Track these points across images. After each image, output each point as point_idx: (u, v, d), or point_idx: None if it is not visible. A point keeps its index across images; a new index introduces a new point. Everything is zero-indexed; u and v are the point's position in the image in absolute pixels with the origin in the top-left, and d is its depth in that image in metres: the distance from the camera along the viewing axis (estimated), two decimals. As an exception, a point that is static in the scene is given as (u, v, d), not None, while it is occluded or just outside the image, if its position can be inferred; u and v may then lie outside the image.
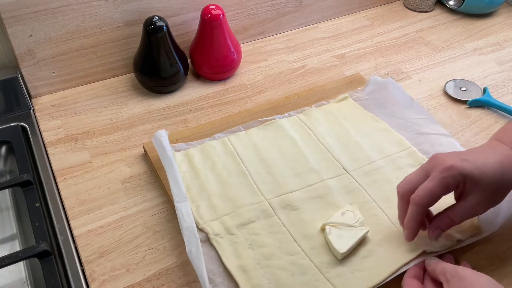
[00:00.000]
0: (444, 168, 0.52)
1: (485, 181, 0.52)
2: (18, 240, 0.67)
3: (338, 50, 0.95)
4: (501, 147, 0.55)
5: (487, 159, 0.53)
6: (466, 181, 0.52)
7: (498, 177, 0.52)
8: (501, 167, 0.53)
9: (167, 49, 0.79)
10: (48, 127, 0.76)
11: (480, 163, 0.53)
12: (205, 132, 0.73)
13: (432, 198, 0.53)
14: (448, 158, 0.53)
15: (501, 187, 0.54)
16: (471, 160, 0.53)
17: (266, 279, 0.55)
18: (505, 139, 0.56)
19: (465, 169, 0.52)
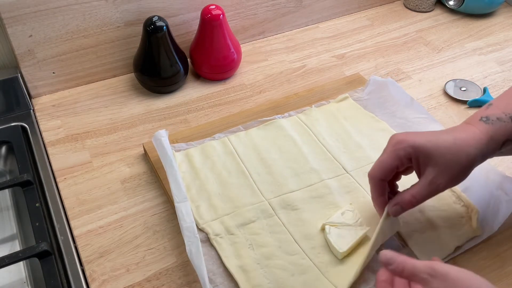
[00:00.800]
0: (396, 142, 0.54)
1: (438, 153, 0.52)
2: (18, 240, 0.67)
3: (338, 50, 0.95)
4: (465, 126, 0.55)
5: (442, 134, 0.54)
6: (419, 155, 0.52)
7: (453, 150, 0.52)
8: (454, 139, 0.53)
9: (167, 49, 0.79)
10: (48, 127, 0.76)
11: (434, 137, 0.53)
12: (205, 132, 0.73)
13: (384, 171, 0.54)
14: (402, 134, 0.54)
15: (457, 162, 0.52)
16: (425, 135, 0.53)
17: (266, 279, 0.55)
18: (472, 121, 0.56)
19: (416, 141, 0.52)
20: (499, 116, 0.55)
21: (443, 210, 0.62)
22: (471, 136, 0.53)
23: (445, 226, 0.61)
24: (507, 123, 0.54)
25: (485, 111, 0.56)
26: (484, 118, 0.55)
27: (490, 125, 0.54)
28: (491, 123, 0.54)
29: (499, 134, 0.54)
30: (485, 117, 0.55)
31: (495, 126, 0.54)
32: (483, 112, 0.56)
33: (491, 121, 0.54)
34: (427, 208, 0.63)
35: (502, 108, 0.55)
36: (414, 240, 0.59)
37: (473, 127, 0.54)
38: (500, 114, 0.55)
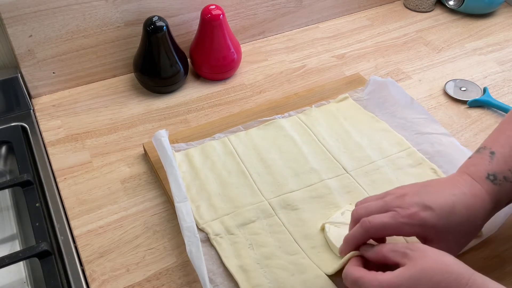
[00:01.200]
0: (406, 215, 0.49)
1: (450, 231, 0.49)
2: (18, 240, 0.67)
3: (338, 50, 0.95)
4: (472, 186, 0.51)
5: (455, 206, 0.49)
6: (426, 230, 0.49)
7: (464, 223, 0.49)
8: (467, 212, 0.49)
9: (167, 49, 0.79)
10: (48, 127, 0.76)
11: (446, 212, 0.49)
12: (205, 132, 0.73)
13: (381, 232, 0.50)
14: (412, 205, 0.49)
15: (468, 232, 0.51)
16: (436, 209, 0.49)
17: (266, 279, 0.55)
18: (477, 177, 0.52)
19: (427, 221, 0.48)
20: (506, 175, 0.51)
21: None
22: (480, 204, 0.50)
23: (445, 226, 0.61)
24: None
25: (491, 164, 0.52)
26: (491, 177, 0.51)
27: (497, 186, 0.51)
28: (499, 184, 0.51)
29: (505, 196, 0.51)
30: (492, 175, 0.51)
31: (502, 188, 0.51)
32: (488, 165, 0.52)
33: (499, 181, 0.51)
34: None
35: (508, 163, 0.52)
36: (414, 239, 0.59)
37: (480, 187, 0.51)
38: (507, 173, 0.51)
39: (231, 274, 0.55)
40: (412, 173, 0.67)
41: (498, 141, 0.54)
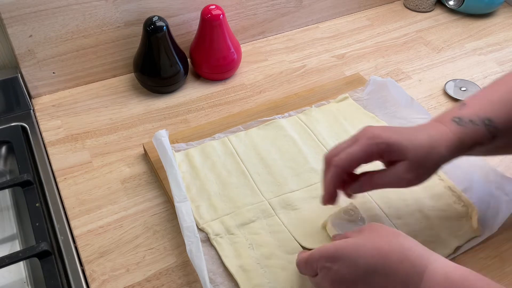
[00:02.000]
0: (371, 136, 0.52)
1: (414, 150, 0.51)
2: (18, 240, 0.67)
3: (338, 50, 0.95)
4: (437, 125, 0.54)
5: (417, 132, 0.53)
6: (392, 150, 0.51)
7: (427, 148, 0.51)
8: (429, 138, 0.52)
9: (167, 49, 0.79)
10: (48, 127, 0.76)
11: (409, 134, 0.52)
12: (205, 132, 0.73)
13: (351, 162, 0.52)
14: (377, 128, 0.53)
15: (428, 161, 0.52)
16: (400, 131, 0.52)
17: (266, 278, 0.55)
18: (443, 120, 0.54)
19: (392, 138, 0.51)
20: (472, 118, 0.53)
21: (443, 210, 0.63)
22: (443, 137, 0.52)
23: (445, 226, 0.61)
24: (480, 127, 0.52)
25: (459, 111, 0.54)
26: (456, 119, 0.53)
27: (462, 127, 0.53)
28: (463, 125, 0.53)
29: (469, 137, 0.52)
30: (458, 118, 0.53)
31: (467, 129, 0.52)
32: (456, 112, 0.54)
33: (464, 123, 0.53)
34: (427, 208, 0.63)
35: (476, 110, 0.54)
36: (414, 240, 0.59)
37: (444, 127, 0.53)
38: (473, 116, 0.53)
39: (231, 274, 0.55)
40: (412, 173, 0.67)
41: (473, 96, 0.57)
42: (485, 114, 0.53)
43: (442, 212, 0.62)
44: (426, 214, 0.62)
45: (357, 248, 0.46)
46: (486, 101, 0.55)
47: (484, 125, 0.52)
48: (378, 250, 0.45)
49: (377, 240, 0.46)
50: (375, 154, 0.52)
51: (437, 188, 0.65)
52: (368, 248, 0.46)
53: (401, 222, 0.61)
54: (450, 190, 0.65)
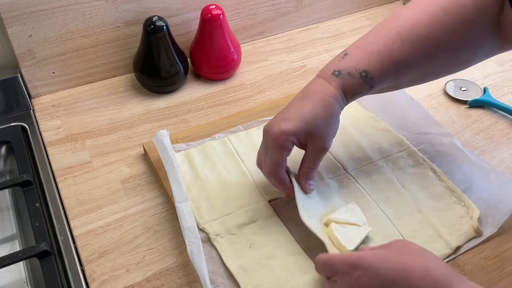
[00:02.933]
0: (275, 137, 0.56)
1: (314, 126, 0.56)
2: (18, 240, 0.67)
3: (338, 50, 0.94)
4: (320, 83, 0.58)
5: (305, 108, 0.57)
6: (300, 137, 0.56)
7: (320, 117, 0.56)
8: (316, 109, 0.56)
9: (167, 49, 0.79)
10: (48, 127, 0.76)
11: (299, 115, 0.56)
12: (205, 132, 0.73)
13: (277, 166, 0.57)
14: (274, 125, 0.57)
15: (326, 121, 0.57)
16: (292, 117, 0.56)
17: (267, 279, 0.55)
18: (325, 74, 0.59)
19: (291, 129, 0.55)
20: (350, 71, 0.57)
21: (443, 211, 0.63)
22: (327, 94, 0.57)
23: (445, 227, 0.61)
24: (356, 78, 0.57)
25: (338, 63, 0.59)
26: (336, 72, 0.58)
27: (341, 79, 0.57)
28: (342, 77, 0.57)
29: (349, 88, 0.57)
30: (338, 71, 0.58)
31: (346, 81, 0.57)
32: (336, 64, 0.59)
33: (342, 75, 0.57)
34: (427, 208, 0.63)
35: (353, 62, 0.58)
36: (414, 240, 0.59)
37: (326, 82, 0.58)
38: (351, 69, 0.57)
39: (231, 274, 0.55)
40: (412, 173, 0.67)
41: (356, 45, 0.60)
42: (363, 67, 0.57)
43: (442, 212, 0.62)
44: (426, 214, 0.62)
45: (380, 260, 0.46)
46: (364, 53, 0.58)
47: (360, 77, 0.57)
48: (401, 264, 0.45)
49: (402, 256, 0.46)
50: (290, 147, 0.57)
51: (437, 188, 0.65)
52: (391, 261, 0.46)
53: (401, 222, 0.61)
54: (450, 190, 0.65)
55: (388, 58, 0.57)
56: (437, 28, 0.57)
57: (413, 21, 0.57)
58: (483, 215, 0.62)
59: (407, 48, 0.57)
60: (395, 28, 0.58)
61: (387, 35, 0.58)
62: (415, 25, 0.57)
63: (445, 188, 0.65)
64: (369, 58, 0.57)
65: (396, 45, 0.57)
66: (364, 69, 0.57)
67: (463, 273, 0.57)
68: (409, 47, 0.57)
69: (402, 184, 0.66)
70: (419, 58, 0.58)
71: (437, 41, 0.57)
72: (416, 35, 0.57)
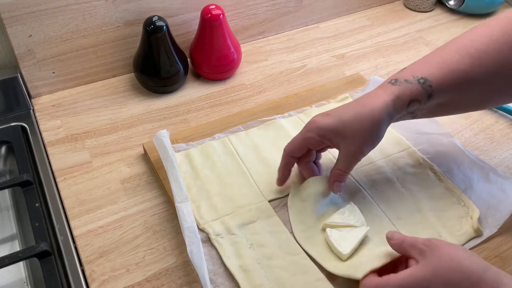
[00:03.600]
0: (307, 124, 0.58)
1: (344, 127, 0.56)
2: (18, 240, 0.67)
3: (338, 50, 0.95)
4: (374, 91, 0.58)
5: (347, 108, 0.57)
6: (329, 135, 0.57)
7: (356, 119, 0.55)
8: (354, 112, 0.56)
9: (167, 49, 0.79)
10: (48, 127, 0.76)
11: (339, 113, 0.57)
12: (205, 132, 0.73)
13: (293, 147, 0.60)
14: (316, 116, 0.58)
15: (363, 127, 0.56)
16: (332, 114, 0.57)
17: (267, 279, 0.55)
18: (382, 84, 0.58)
19: (324, 124, 0.56)
20: (407, 78, 0.57)
21: (444, 211, 0.63)
22: (376, 100, 0.56)
23: (445, 227, 0.61)
24: (414, 84, 0.56)
25: (396, 74, 0.59)
26: (393, 81, 0.57)
27: (397, 86, 0.56)
28: (398, 84, 0.57)
29: (405, 94, 0.56)
30: (394, 79, 0.57)
31: (401, 87, 0.56)
32: (394, 75, 0.59)
33: (399, 82, 0.57)
34: (427, 208, 0.63)
35: (411, 71, 0.58)
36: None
37: (381, 90, 0.57)
38: (408, 76, 0.57)
39: (231, 274, 0.55)
40: (412, 173, 0.67)
41: (414, 61, 0.60)
42: (421, 74, 0.57)
43: (442, 212, 0.62)
44: (426, 214, 0.62)
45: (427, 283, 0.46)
46: (423, 63, 0.59)
47: (418, 83, 0.56)
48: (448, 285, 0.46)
49: (446, 273, 0.46)
50: (313, 141, 0.58)
51: (437, 188, 0.65)
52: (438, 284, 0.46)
53: (401, 222, 0.61)
54: (450, 190, 0.65)
55: (448, 68, 0.56)
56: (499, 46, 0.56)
57: (471, 37, 0.58)
58: (483, 215, 0.62)
59: (467, 61, 0.56)
60: (454, 44, 0.58)
61: (445, 50, 0.58)
62: (474, 41, 0.57)
63: (445, 188, 0.65)
64: (428, 67, 0.57)
65: (456, 58, 0.56)
66: (423, 76, 0.56)
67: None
68: (469, 61, 0.56)
69: (402, 184, 0.66)
70: (480, 74, 0.56)
71: (497, 57, 0.56)
72: (476, 50, 0.56)
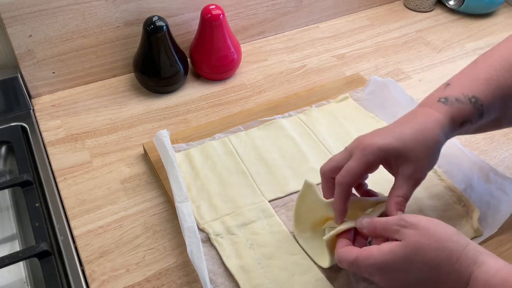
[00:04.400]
0: (363, 147, 0.52)
1: (407, 149, 0.51)
2: (18, 240, 0.67)
3: (338, 50, 0.95)
4: (424, 110, 0.55)
5: (404, 128, 0.53)
6: (389, 156, 0.52)
7: (419, 140, 0.52)
8: (417, 130, 0.52)
9: (167, 49, 0.79)
10: (48, 127, 0.76)
11: (398, 133, 0.52)
12: (205, 132, 0.73)
13: (353, 177, 0.52)
14: (367, 137, 0.53)
15: (427, 149, 0.52)
16: (389, 133, 0.53)
17: (267, 279, 0.55)
18: (429, 103, 0.55)
19: (384, 144, 0.51)
20: (458, 97, 0.54)
21: (444, 211, 0.62)
22: (432, 120, 0.53)
23: (446, 226, 0.61)
24: (465, 105, 0.54)
25: (443, 91, 0.55)
26: (443, 100, 0.54)
27: (449, 106, 0.54)
28: (450, 104, 0.54)
29: (458, 115, 0.53)
30: (444, 98, 0.54)
31: (454, 108, 0.54)
32: (441, 93, 0.56)
33: (450, 102, 0.54)
34: (427, 208, 0.63)
35: (460, 89, 0.55)
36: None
37: (432, 109, 0.54)
38: (459, 95, 0.54)
39: (231, 274, 0.55)
40: (412, 173, 0.67)
41: (457, 76, 0.58)
42: (471, 93, 0.54)
43: (442, 212, 0.62)
44: (426, 214, 0.62)
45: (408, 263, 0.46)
46: (470, 79, 0.56)
47: (470, 102, 0.54)
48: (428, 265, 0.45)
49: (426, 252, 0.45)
50: (373, 164, 0.52)
51: (437, 188, 0.65)
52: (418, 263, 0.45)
53: (401, 222, 0.61)
54: (450, 190, 0.65)
55: (496, 84, 0.55)
56: None
57: None
58: (483, 215, 0.61)
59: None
60: (497, 58, 0.56)
61: (490, 64, 0.56)
62: None
63: (445, 188, 0.65)
64: (477, 85, 0.55)
65: (501, 73, 0.55)
66: (473, 95, 0.54)
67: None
68: None
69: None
70: None
71: None
72: None
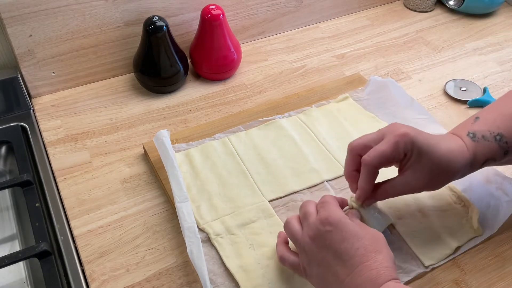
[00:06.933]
0: (399, 134, 0.52)
1: (429, 159, 0.52)
2: (18, 240, 0.67)
3: (338, 50, 0.95)
4: (455, 139, 0.55)
5: (440, 141, 0.54)
6: (413, 152, 0.52)
7: (445, 158, 0.53)
8: (449, 153, 0.53)
9: (167, 49, 0.79)
10: (48, 127, 0.76)
11: (433, 141, 0.53)
12: (205, 132, 0.73)
13: (382, 160, 0.52)
14: (405, 127, 0.53)
15: (443, 172, 0.53)
16: (426, 136, 0.53)
17: (267, 279, 0.55)
18: (460, 133, 0.56)
19: (418, 139, 0.52)
20: (484, 134, 0.55)
21: (444, 211, 0.63)
22: (461, 152, 0.54)
23: (445, 226, 0.61)
24: (491, 142, 0.54)
25: (472, 125, 0.56)
26: (471, 134, 0.55)
27: (476, 143, 0.54)
28: (477, 141, 0.55)
29: (482, 153, 0.54)
30: (472, 133, 0.55)
31: (479, 145, 0.54)
32: (470, 126, 0.56)
33: (477, 138, 0.55)
34: (427, 208, 0.63)
35: (488, 125, 0.55)
36: (414, 240, 0.59)
37: (462, 141, 0.55)
38: (486, 132, 0.55)
39: (231, 274, 0.55)
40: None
41: (486, 110, 0.58)
42: (497, 130, 0.55)
43: (442, 212, 0.62)
44: (426, 214, 0.62)
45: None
46: (497, 115, 0.56)
47: (495, 140, 0.54)
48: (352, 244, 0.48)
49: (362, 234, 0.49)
50: (401, 152, 0.52)
51: (437, 188, 0.65)
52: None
53: (401, 222, 0.61)
54: (450, 190, 0.65)
55: None
56: None
57: None
58: (483, 215, 0.61)
59: None
60: None
61: None
62: None
63: (445, 188, 0.65)
64: (503, 121, 0.55)
65: None
66: (499, 132, 0.55)
67: (463, 273, 0.57)
68: None
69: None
70: None
71: None
72: None
